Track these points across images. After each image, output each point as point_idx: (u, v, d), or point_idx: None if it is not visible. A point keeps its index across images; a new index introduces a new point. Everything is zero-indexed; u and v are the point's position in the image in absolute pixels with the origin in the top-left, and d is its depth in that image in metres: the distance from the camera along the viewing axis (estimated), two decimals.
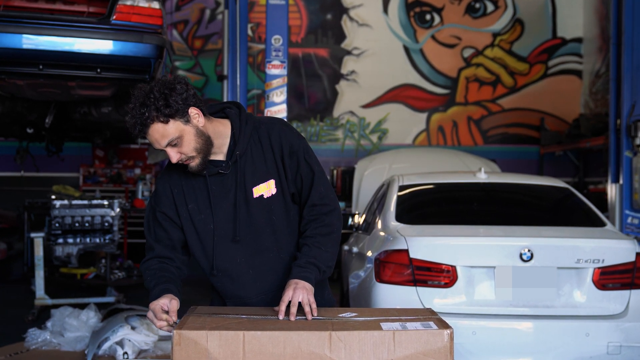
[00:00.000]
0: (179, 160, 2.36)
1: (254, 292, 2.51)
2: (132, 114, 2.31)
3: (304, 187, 2.48)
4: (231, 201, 2.45)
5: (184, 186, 2.50)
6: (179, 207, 2.50)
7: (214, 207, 2.46)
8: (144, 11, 4.78)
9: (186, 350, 1.96)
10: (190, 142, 2.34)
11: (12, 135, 7.01)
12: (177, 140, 2.33)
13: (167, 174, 2.57)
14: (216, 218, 2.46)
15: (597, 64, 10.79)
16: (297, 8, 11.24)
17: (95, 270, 8.40)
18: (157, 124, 2.29)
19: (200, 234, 2.49)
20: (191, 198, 2.49)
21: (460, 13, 11.40)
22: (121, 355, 4.50)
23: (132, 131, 2.37)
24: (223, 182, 2.46)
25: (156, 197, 2.54)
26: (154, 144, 2.35)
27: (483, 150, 10.67)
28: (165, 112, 2.27)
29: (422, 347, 1.98)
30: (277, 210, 2.47)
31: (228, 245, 2.47)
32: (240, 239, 2.46)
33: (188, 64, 11.27)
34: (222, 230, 2.46)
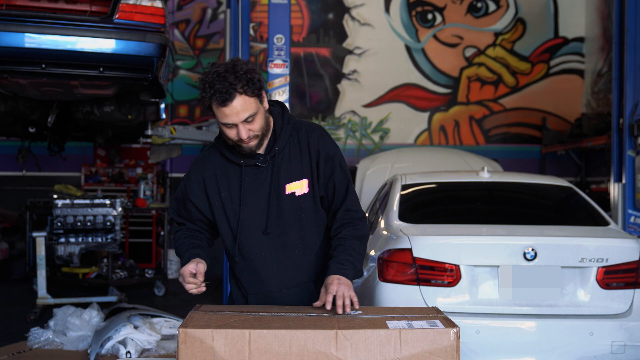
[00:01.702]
0: (247, 138, 2.42)
1: (276, 287, 2.56)
2: (219, 81, 2.34)
3: (338, 193, 2.58)
4: (263, 194, 2.53)
5: (218, 175, 2.58)
6: (211, 196, 2.58)
7: (245, 197, 2.53)
8: (146, 10, 4.78)
9: (192, 348, 1.96)
10: (260, 121, 2.44)
11: (15, 134, 7.01)
12: (253, 117, 2.40)
13: (202, 162, 2.64)
14: (246, 209, 2.53)
15: (599, 63, 10.78)
16: (298, 7, 11.24)
17: (97, 269, 8.41)
18: (243, 96, 2.36)
19: (230, 222, 2.56)
20: (224, 187, 2.56)
21: (462, 12, 11.39)
22: (124, 354, 4.49)
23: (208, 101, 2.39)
24: (257, 175, 2.54)
25: (188, 183, 2.63)
26: (229, 117, 2.38)
27: (485, 150, 10.66)
28: (252, 87, 2.36)
29: (428, 345, 1.97)
30: (307, 209, 2.55)
31: (256, 236, 2.54)
32: (268, 232, 2.53)
33: (190, 64, 11.27)
34: (251, 221, 2.53)
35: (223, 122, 2.42)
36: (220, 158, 2.60)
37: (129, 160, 10.65)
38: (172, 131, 6.85)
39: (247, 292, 2.63)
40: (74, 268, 8.23)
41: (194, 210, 2.62)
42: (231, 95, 2.34)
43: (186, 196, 2.62)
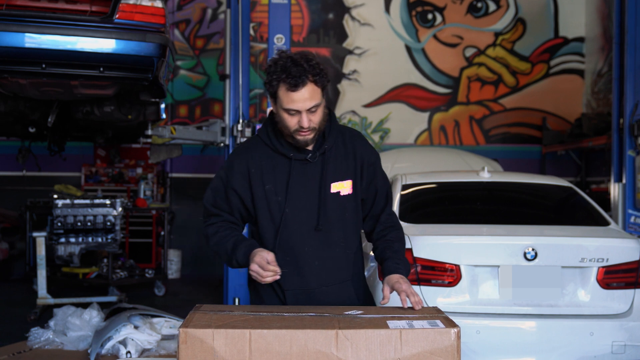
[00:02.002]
0: (307, 128, 2.45)
1: (316, 283, 2.57)
2: (293, 66, 2.39)
3: (379, 197, 2.69)
4: (311, 190, 2.55)
5: (263, 167, 2.56)
6: (255, 187, 2.56)
7: (291, 192, 2.53)
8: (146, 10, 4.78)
9: (192, 348, 1.95)
10: (320, 114, 2.49)
11: (15, 134, 7.00)
12: (316, 108, 2.45)
13: (246, 152, 2.62)
14: (291, 203, 2.53)
15: (599, 63, 10.78)
16: (299, 7, 11.23)
17: (97, 269, 8.41)
18: (312, 85, 2.42)
19: (273, 215, 2.55)
20: (269, 179, 2.55)
21: (462, 12, 11.38)
22: (124, 354, 4.49)
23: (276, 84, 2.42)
24: (305, 171, 2.56)
25: (230, 172, 2.60)
26: (296, 102, 2.41)
27: (485, 150, 10.66)
28: (322, 79, 2.43)
29: (429, 345, 1.97)
30: (350, 209, 2.60)
31: (301, 232, 2.54)
32: (320, 229, 2.55)
33: (190, 64, 11.26)
34: (296, 216, 2.54)
35: (288, 107, 2.43)
36: (267, 149, 2.59)
37: (129, 160, 10.65)
38: (172, 131, 6.84)
39: (283, 288, 2.58)
40: (74, 268, 8.23)
41: (236, 201, 2.59)
42: (303, 81, 2.39)
43: (228, 185, 2.59)
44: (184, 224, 10.98)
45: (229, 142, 7.42)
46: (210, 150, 9.99)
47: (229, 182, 2.58)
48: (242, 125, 7.31)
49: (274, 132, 2.59)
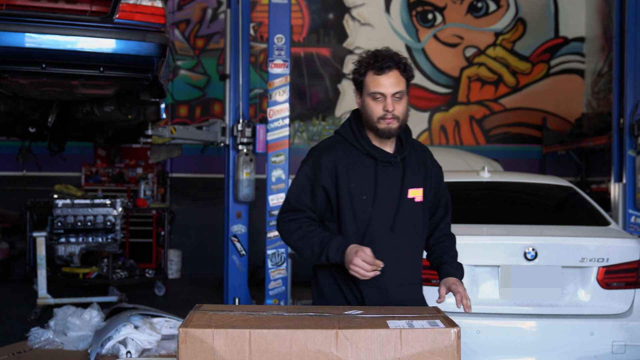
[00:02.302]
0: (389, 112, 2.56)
1: (391, 283, 2.63)
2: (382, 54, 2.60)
3: (441, 207, 2.83)
4: (394, 192, 2.64)
5: (349, 164, 2.61)
6: (340, 184, 2.60)
7: (378, 192, 2.60)
8: (146, 10, 4.78)
9: (192, 348, 1.95)
10: (404, 105, 2.61)
11: (15, 134, 6.99)
12: (401, 95, 2.58)
13: (332, 149, 2.66)
14: (376, 203, 2.60)
15: (599, 63, 10.77)
16: (299, 7, 11.23)
17: (97, 269, 8.41)
18: (398, 73, 2.58)
19: (356, 214, 2.61)
20: (355, 177, 2.60)
21: (462, 12, 11.38)
22: (124, 354, 4.49)
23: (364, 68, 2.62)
24: (388, 173, 2.64)
25: (317, 168, 2.63)
26: (382, 86, 2.56)
27: (485, 150, 10.65)
28: (407, 72, 2.61)
29: (429, 345, 1.97)
30: (421, 216, 2.72)
31: (381, 232, 2.61)
32: (394, 230, 2.63)
33: (190, 64, 11.26)
34: (378, 216, 2.61)
35: (374, 91, 2.57)
36: (351, 148, 2.65)
37: (129, 160, 10.65)
38: (172, 131, 6.84)
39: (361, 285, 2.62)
40: (74, 268, 8.22)
41: (322, 197, 2.63)
42: (389, 66, 2.56)
43: (316, 181, 2.62)
44: (184, 224, 10.98)
45: (229, 142, 7.42)
46: (210, 150, 9.98)
47: (316, 178, 2.62)
48: (242, 125, 7.31)
49: (360, 132, 2.67)
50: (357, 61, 2.68)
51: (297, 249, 2.62)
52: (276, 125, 7.12)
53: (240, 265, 7.44)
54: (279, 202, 7.14)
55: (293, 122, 10.85)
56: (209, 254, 10.58)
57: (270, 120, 7.12)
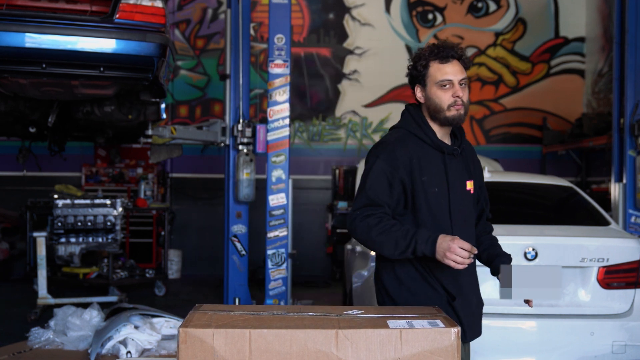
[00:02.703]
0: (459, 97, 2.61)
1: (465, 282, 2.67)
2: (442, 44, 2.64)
3: (484, 197, 2.86)
4: (459, 185, 2.67)
5: (420, 158, 2.61)
6: (415, 177, 2.59)
7: (450, 184, 2.62)
8: (146, 10, 4.78)
9: (192, 348, 1.95)
10: (467, 94, 2.66)
11: (15, 134, 6.99)
12: (465, 83, 2.64)
13: (403, 142, 2.64)
14: (452, 196, 2.62)
15: (599, 63, 10.77)
16: (299, 7, 11.23)
17: (97, 269, 8.40)
18: (460, 62, 2.64)
19: (431, 206, 2.59)
20: (426, 170, 2.60)
21: (462, 12, 11.38)
22: (124, 354, 4.49)
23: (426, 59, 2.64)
24: (453, 165, 2.66)
25: (394, 163, 2.59)
26: (449, 73, 2.61)
27: (485, 150, 10.65)
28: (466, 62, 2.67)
29: (429, 345, 1.97)
30: (473, 207, 2.77)
31: (459, 224, 2.64)
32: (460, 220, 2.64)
33: (190, 64, 11.26)
34: (455, 208, 2.63)
35: (442, 79, 2.60)
36: (418, 141, 2.65)
37: (129, 160, 10.65)
38: (172, 131, 6.84)
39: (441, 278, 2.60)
40: (74, 268, 8.22)
41: (399, 191, 2.59)
42: (452, 55, 2.61)
43: (394, 174, 2.58)
44: (184, 224, 10.98)
45: (229, 142, 7.42)
46: (210, 150, 9.98)
47: (394, 172, 2.58)
48: (243, 125, 7.31)
49: (425, 124, 2.68)
50: (415, 56, 2.69)
51: (377, 244, 2.52)
52: (276, 125, 7.12)
53: (240, 265, 7.44)
54: (279, 202, 7.14)
55: (293, 122, 10.85)
56: (209, 254, 10.58)
57: (271, 120, 7.12)
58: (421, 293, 2.58)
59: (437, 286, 2.60)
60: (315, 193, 11.06)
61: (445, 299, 2.60)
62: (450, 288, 2.61)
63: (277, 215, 7.16)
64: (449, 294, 2.61)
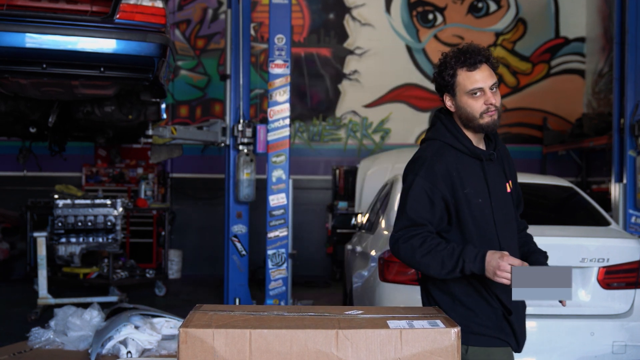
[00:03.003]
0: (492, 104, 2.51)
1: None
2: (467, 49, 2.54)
3: (519, 195, 2.74)
4: (500, 189, 2.57)
5: (459, 170, 2.50)
6: (456, 190, 2.48)
7: (492, 193, 2.52)
8: (147, 10, 4.78)
9: (192, 348, 1.95)
10: (499, 96, 2.55)
11: (15, 134, 7.00)
12: (496, 88, 2.53)
13: (440, 155, 2.53)
14: (494, 205, 2.52)
15: (599, 63, 10.77)
16: (299, 8, 11.23)
17: (98, 269, 8.41)
18: (488, 66, 2.53)
19: (476, 219, 2.48)
20: (467, 182, 2.49)
21: (462, 12, 11.38)
22: (125, 354, 4.49)
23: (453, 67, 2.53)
24: (492, 170, 2.56)
25: (433, 178, 2.48)
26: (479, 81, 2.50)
27: None
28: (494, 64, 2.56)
29: (429, 345, 1.97)
30: (514, 207, 2.66)
31: (506, 234, 2.54)
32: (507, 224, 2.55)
33: (190, 64, 11.27)
34: (500, 218, 2.52)
35: (472, 88, 2.49)
36: (455, 152, 2.53)
37: (129, 160, 10.66)
38: (172, 131, 6.85)
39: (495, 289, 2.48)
40: (74, 268, 8.23)
41: (442, 207, 2.48)
42: (480, 60, 2.50)
43: (435, 192, 2.47)
44: (184, 224, 10.98)
45: (230, 142, 7.42)
46: (210, 150, 9.99)
47: (434, 189, 2.47)
48: (243, 126, 7.32)
49: (460, 133, 2.57)
50: (441, 63, 2.57)
51: (423, 266, 2.41)
52: (276, 125, 7.12)
53: (240, 265, 7.45)
54: (280, 202, 7.14)
55: (293, 122, 10.85)
56: (210, 254, 10.58)
57: (271, 120, 7.12)
58: (476, 308, 2.48)
59: (493, 300, 2.49)
60: (315, 193, 11.07)
61: (500, 313, 2.49)
62: (506, 301, 2.48)
63: (278, 215, 7.16)
64: (505, 308, 2.50)
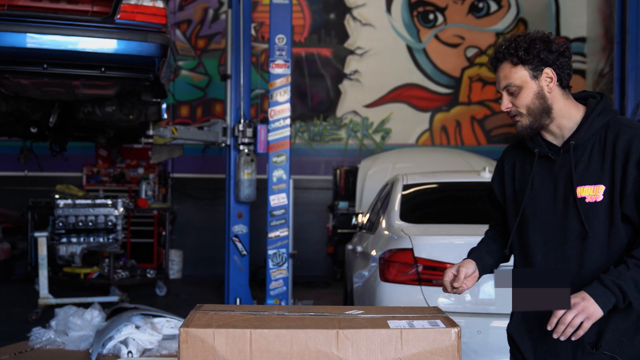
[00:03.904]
0: (508, 110, 2.24)
1: None
2: (496, 45, 2.24)
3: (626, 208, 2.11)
4: (552, 192, 2.22)
5: (516, 164, 2.35)
6: (507, 187, 2.36)
7: (534, 192, 2.25)
8: (147, 10, 4.79)
9: (193, 348, 1.95)
10: (526, 98, 2.19)
11: (16, 134, 7.01)
12: (516, 89, 2.20)
13: (508, 148, 2.44)
14: (532, 205, 2.26)
15: (600, 63, 10.77)
16: (300, 8, 11.24)
17: (98, 269, 8.42)
18: (507, 63, 2.20)
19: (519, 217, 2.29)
20: (519, 177, 2.32)
21: (463, 12, 11.39)
22: (125, 354, 4.50)
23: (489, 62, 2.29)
24: (550, 168, 2.24)
25: (495, 171, 2.45)
26: (497, 83, 2.25)
27: (486, 150, 10.65)
28: (519, 54, 2.17)
29: (429, 345, 1.97)
30: (595, 221, 2.13)
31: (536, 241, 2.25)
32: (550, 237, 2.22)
33: (191, 64, 11.27)
34: (534, 222, 2.26)
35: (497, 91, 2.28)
36: (522, 145, 2.34)
37: (130, 160, 10.66)
38: (173, 131, 6.85)
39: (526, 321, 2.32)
40: (75, 268, 8.24)
41: (496, 202, 2.43)
42: (498, 58, 2.22)
43: (491, 186, 2.42)
44: (185, 224, 10.99)
45: (230, 142, 7.43)
46: (211, 150, 9.99)
47: (491, 182, 2.44)
48: (244, 126, 7.32)
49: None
50: None
51: None
52: (277, 125, 7.12)
53: (241, 265, 7.45)
54: (280, 202, 7.15)
55: (294, 122, 10.86)
56: (210, 254, 10.59)
57: (271, 120, 7.13)
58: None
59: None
60: (316, 193, 11.07)
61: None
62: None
63: (278, 215, 7.16)
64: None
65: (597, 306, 1.99)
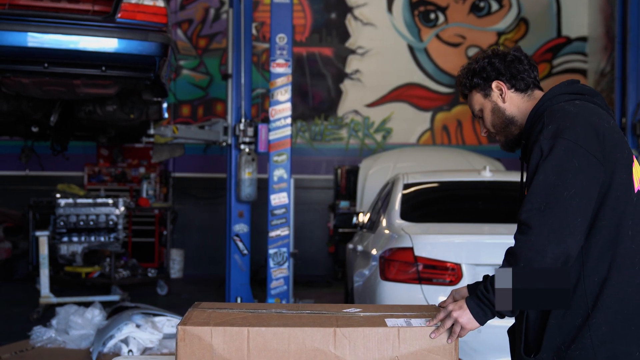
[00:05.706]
0: (487, 134, 2.21)
1: None
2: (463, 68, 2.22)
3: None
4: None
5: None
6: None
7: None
8: (148, 9, 4.79)
9: (190, 346, 1.96)
10: (487, 118, 2.18)
11: (17, 134, 7.02)
12: (479, 113, 2.20)
13: None
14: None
15: (601, 62, 10.76)
16: (301, 7, 11.24)
17: (99, 268, 8.42)
18: (468, 95, 2.22)
19: None
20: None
21: (464, 12, 11.38)
22: (126, 352, 4.51)
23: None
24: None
25: None
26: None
27: (487, 150, 10.64)
28: (465, 84, 2.19)
29: (426, 344, 1.97)
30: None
31: None
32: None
33: (192, 63, 11.28)
34: None
35: None
36: None
37: (131, 159, 10.67)
38: (174, 130, 6.86)
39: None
40: (76, 267, 8.24)
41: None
42: (462, 93, 2.24)
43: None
44: (186, 223, 11.00)
45: (231, 141, 7.43)
46: (212, 149, 10.00)
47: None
48: (245, 125, 7.32)
49: None
50: None
51: None
52: (278, 124, 7.12)
53: (242, 264, 7.45)
54: (281, 201, 7.15)
55: (295, 122, 10.86)
56: (211, 253, 10.59)
57: (272, 119, 7.13)
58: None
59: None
60: (317, 192, 11.07)
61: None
62: None
63: (279, 214, 7.17)
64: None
65: (472, 317, 1.99)
